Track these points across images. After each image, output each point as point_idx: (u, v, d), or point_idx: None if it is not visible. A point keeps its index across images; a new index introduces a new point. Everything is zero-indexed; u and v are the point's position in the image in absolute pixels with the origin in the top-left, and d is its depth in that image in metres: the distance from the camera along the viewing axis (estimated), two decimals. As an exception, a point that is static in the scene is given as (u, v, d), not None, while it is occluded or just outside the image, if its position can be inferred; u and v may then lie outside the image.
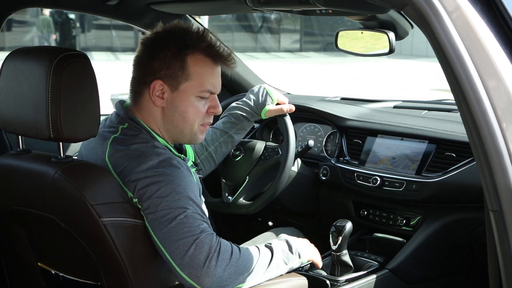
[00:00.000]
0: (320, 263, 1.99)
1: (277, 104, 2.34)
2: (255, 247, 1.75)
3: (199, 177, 1.95)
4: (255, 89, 2.39)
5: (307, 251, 1.92)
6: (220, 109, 1.81)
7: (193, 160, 1.98)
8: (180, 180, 1.63)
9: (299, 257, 1.87)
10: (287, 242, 1.86)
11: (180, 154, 1.78)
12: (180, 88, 1.71)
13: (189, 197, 1.61)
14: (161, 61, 1.71)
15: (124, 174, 1.62)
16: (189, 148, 2.00)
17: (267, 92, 2.34)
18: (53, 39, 18.77)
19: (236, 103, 2.39)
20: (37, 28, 19.06)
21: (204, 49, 1.72)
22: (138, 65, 1.75)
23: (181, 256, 1.55)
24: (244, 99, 2.38)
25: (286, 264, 1.81)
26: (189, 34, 1.72)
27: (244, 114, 2.34)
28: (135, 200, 1.61)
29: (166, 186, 1.59)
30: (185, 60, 1.70)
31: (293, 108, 2.36)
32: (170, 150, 1.74)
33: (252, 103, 2.34)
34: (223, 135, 2.34)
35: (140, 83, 1.74)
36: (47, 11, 18.04)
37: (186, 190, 1.62)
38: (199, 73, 1.71)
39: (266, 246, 1.79)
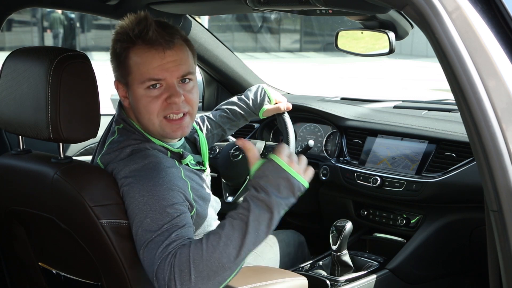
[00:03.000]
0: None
1: (275, 103, 2.33)
2: (219, 228, 1.46)
3: (209, 176, 1.93)
4: (253, 88, 2.38)
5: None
6: (177, 99, 1.64)
7: (203, 160, 1.90)
8: (157, 189, 1.54)
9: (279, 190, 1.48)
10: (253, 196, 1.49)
11: (179, 150, 1.75)
12: (129, 84, 1.68)
13: (163, 210, 1.50)
14: (112, 61, 1.71)
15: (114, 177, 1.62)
16: (204, 146, 1.95)
17: (265, 91, 2.34)
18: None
19: (236, 99, 2.38)
20: (49, 25, 19.52)
21: (138, 38, 1.64)
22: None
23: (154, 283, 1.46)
24: (243, 97, 2.37)
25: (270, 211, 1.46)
26: (126, 28, 1.67)
27: (242, 112, 2.33)
28: None
29: (140, 198, 1.53)
30: (125, 54, 1.66)
31: (290, 106, 2.35)
32: (168, 149, 1.72)
33: (250, 103, 2.33)
34: (217, 128, 2.33)
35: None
36: (58, 10, 18.25)
37: (160, 201, 1.52)
38: (137, 63, 1.64)
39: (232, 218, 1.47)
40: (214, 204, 1.85)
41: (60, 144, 1.59)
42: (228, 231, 1.43)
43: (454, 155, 2.26)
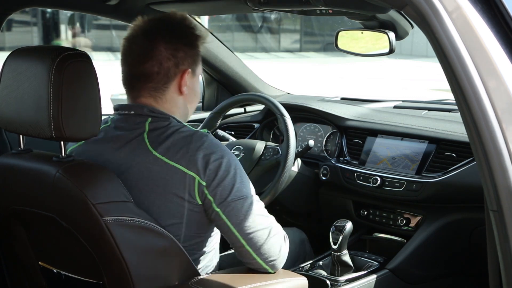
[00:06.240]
0: None
1: None
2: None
3: None
4: None
5: None
6: None
7: None
8: (238, 162, 1.70)
9: None
10: None
11: None
12: (197, 72, 1.79)
13: (249, 180, 1.71)
14: (185, 51, 1.74)
15: (187, 158, 1.62)
16: None
17: None
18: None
19: None
20: (68, 24, 20.37)
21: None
22: (157, 61, 1.71)
23: (259, 245, 1.68)
24: None
25: None
26: (190, 20, 1.80)
27: None
28: (203, 183, 1.62)
29: (235, 172, 1.66)
30: (199, 46, 1.78)
31: None
32: None
33: None
34: None
35: (163, 77, 1.72)
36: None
37: (242, 168, 1.71)
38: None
39: None
40: None
41: (62, 142, 1.59)
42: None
43: (454, 155, 2.26)
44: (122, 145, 1.69)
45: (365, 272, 2.25)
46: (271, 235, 1.70)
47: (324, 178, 2.57)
